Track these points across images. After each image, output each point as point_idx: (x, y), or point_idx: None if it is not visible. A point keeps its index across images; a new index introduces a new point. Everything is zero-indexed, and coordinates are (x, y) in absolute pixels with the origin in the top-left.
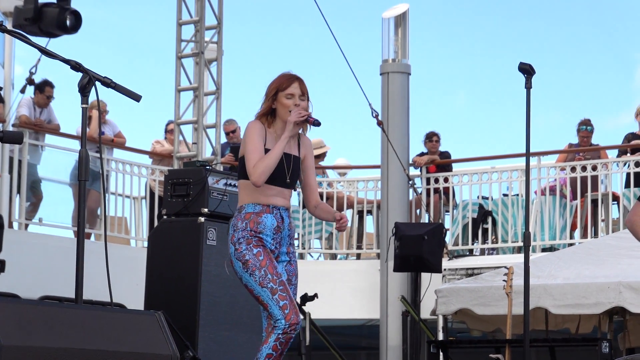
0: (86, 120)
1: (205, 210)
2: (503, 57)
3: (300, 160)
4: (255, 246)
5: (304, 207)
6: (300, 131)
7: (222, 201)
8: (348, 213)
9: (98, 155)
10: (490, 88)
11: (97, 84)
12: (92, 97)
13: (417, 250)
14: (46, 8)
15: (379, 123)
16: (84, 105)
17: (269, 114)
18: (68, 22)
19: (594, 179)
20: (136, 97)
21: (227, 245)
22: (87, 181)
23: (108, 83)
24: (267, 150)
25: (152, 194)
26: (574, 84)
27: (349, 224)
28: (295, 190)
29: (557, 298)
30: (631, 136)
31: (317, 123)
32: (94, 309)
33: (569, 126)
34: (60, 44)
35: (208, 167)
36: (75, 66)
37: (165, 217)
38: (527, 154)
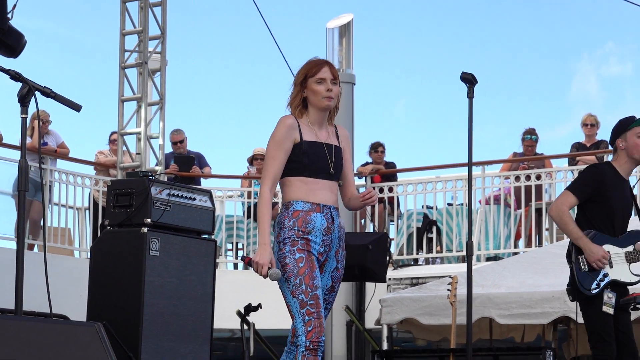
0: (26, 130)
1: (148, 220)
2: (445, 68)
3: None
4: (299, 250)
5: (248, 217)
6: (326, 120)
7: (165, 211)
8: None
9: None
10: (432, 98)
11: (37, 94)
12: (32, 107)
13: (361, 259)
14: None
15: None
16: (23, 116)
17: (300, 105)
18: (23, 50)
19: (538, 188)
20: (76, 107)
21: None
22: (28, 192)
23: (48, 93)
24: (306, 143)
25: (95, 204)
26: (514, 95)
27: None
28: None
29: (502, 307)
30: (578, 145)
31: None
32: (33, 321)
33: (512, 136)
34: None
35: (151, 177)
36: (15, 76)
37: (108, 227)
38: (470, 163)
